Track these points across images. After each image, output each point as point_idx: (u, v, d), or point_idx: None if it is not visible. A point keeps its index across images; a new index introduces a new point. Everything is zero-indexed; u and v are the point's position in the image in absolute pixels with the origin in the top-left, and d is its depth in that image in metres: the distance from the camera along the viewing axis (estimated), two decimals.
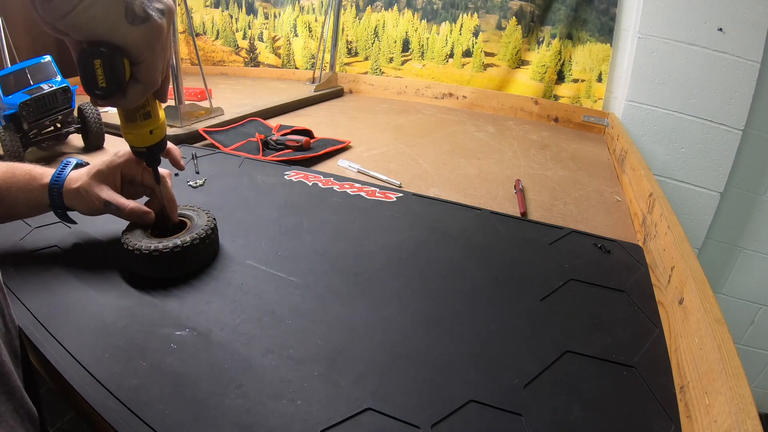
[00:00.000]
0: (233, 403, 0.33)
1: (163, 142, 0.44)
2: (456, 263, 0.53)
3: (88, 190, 0.48)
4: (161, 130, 0.42)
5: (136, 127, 0.40)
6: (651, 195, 0.63)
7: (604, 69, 1.27)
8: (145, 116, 0.40)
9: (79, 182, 0.48)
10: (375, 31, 1.58)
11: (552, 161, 0.96)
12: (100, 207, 0.48)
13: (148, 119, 0.40)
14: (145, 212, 0.49)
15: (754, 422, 0.27)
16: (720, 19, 1.01)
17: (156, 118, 0.41)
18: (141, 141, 0.41)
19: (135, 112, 0.39)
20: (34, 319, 0.41)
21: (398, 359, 0.39)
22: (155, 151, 0.43)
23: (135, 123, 0.40)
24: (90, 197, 0.48)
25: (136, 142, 0.42)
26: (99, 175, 0.48)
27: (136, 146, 0.42)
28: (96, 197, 0.47)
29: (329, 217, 0.63)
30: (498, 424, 0.33)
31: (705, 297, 0.39)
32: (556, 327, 0.44)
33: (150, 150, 0.43)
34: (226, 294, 0.45)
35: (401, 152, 0.96)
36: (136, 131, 0.40)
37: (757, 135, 1.09)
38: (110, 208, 0.48)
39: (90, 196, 0.48)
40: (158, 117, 0.41)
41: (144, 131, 0.41)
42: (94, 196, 0.48)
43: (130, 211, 0.48)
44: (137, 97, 0.36)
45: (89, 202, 0.48)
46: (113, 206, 0.48)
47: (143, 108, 0.39)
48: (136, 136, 0.41)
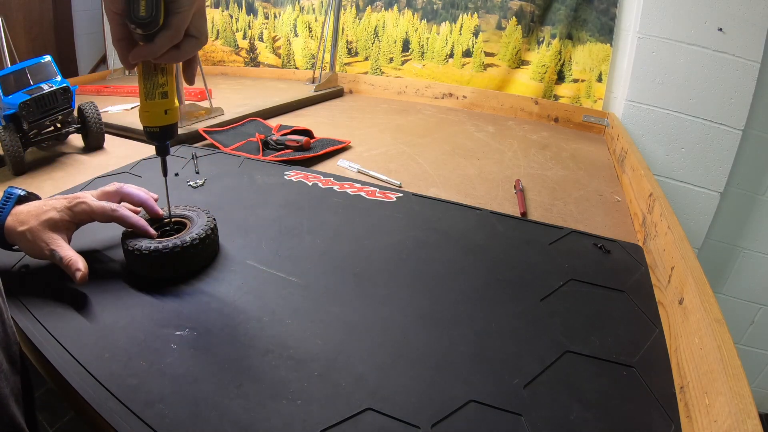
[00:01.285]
0: (233, 403, 0.33)
1: (176, 127, 0.46)
2: (456, 263, 0.53)
3: (36, 236, 0.45)
4: (175, 113, 0.45)
5: (154, 105, 0.43)
6: (651, 195, 0.63)
7: (604, 69, 1.27)
8: (163, 95, 0.43)
9: (26, 226, 0.45)
10: (375, 31, 1.58)
11: (552, 161, 0.96)
12: (47, 255, 0.46)
13: (165, 99, 0.43)
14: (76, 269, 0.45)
15: (754, 422, 0.27)
16: (720, 19, 1.01)
17: (172, 100, 0.44)
18: (156, 120, 0.44)
19: (154, 89, 0.42)
20: (34, 319, 0.41)
21: (398, 359, 0.39)
22: (167, 133, 0.45)
23: (153, 101, 0.42)
24: (38, 244, 0.45)
25: (151, 121, 0.44)
26: (50, 222, 0.46)
27: (150, 125, 0.44)
28: (45, 245, 0.45)
29: (329, 217, 0.63)
30: (498, 424, 0.33)
31: (705, 297, 0.39)
32: (556, 327, 0.44)
33: (163, 131, 0.44)
34: (226, 294, 0.45)
35: (401, 152, 0.96)
36: (153, 109, 0.43)
37: (757, 135, 1.09)
38: (54, 258, 0.45)
39: (38, 243, 0.45)
40: (174, 100, 0.44)
41: (160, 110, 0.43)
42: (43, 244, 0.45)
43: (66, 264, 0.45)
44: (164, 42, 0.38)
45: (36, 249, 0.46)
46: (57, 255, 0.45)
47: (162, 87, 0.42)
48: (152, 114, 0.43)
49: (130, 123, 1.02)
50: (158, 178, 0.72)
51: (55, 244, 0.46)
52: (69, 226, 0.48)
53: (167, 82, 0.43)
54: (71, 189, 0.67)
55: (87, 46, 1.97)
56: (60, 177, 0.78)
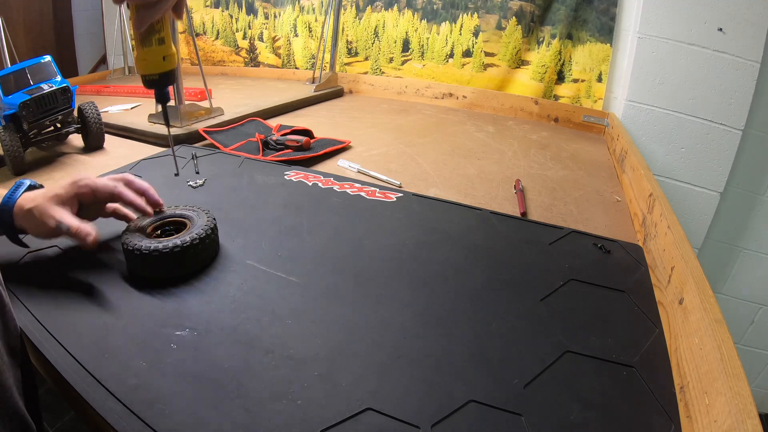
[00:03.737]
0: (233, 403, 0.33)
1: (173, 74, 0.45)
2: (456, 263, 0.53)
3: (42, 211, 0.47)
4: (173, 59, 0.44)
5: (151, 52, 0.42)
6: (651, 195, 0.63)
7: (604, 69, 1.27)
8: (160, 41, 0.42)
9: (33, 203, 0.47)
10: (375, 31, 1.58)
11: (552, 161, 0.96)
12: (53, 228, 0.47)
13: (162, 45, 0.42)
14: (86, 234, 0.47)
15: (754, 422, 0.27)
16: (720, 19, 1.01)
17: (169, 46, 0.43)
18: (154, 67, 0.43)
19: (151, 35, 0.41)
20: (34, 319, 0.41)
21: (398, 359, 0.39)
22: (166, 80, 0.45)
23: (150, 48, 0.42)
24: (43, 218, 0.46)
25: (149, 69, 0.43)
26: (56, 198, 0.48)
27: (148, 73, 0.44)
28: (50, 217, 0.46)
29: (329, 217, 0.63)
30: (498, 424, 0.33)
31: (705, 297, 0.39)
32: (556, 327, 0.44)
33: (161, 78, 0.44)
34: (226, 294, 0.45)
35: (401, 152, 0.96)
36: (150, 56, 0.42)
37: (757, 135, 1.09)
38: (61, 229, 0.47)
39: (44, 218, 0.46)
40: (171, 46, 0.43)
41: (158, 57, 0.43)
42: (48, 217, 0.46)
43: (76, 231, 0.46)
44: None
45: (41, 225, 0.47)
46: (64, 226, 0.46)
47: (158, 33, 0.42)
48: (149, 62, 0.43)
49: (130, 123, 1.02)
50: (158, 178, 0.73)
51: (60, 215, 0.47)
52: (73, 202, 0.49)
53: (163, 28, 0.42)
54: None
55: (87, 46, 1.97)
56: (60, 177, 0.78)
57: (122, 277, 0.48)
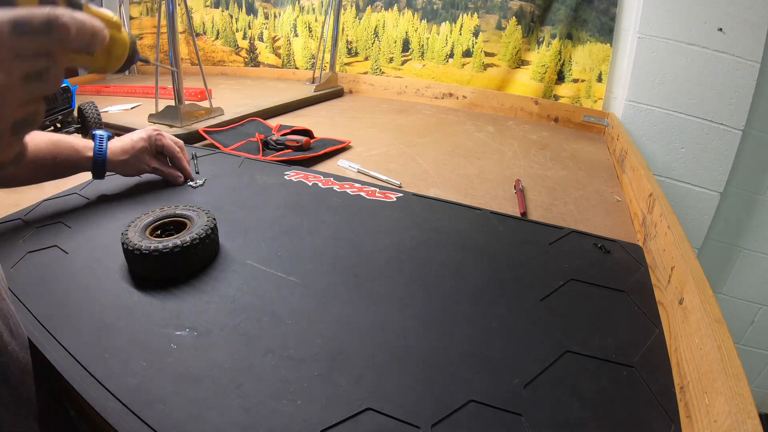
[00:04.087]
0: (233, 403, 0.33)
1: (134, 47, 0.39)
2: (456, 263, 0.53)
3: (140, 159, 0.66)
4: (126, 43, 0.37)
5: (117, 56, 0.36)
6: (651, 195, 0.63)
7: (604, 69, 1.27)
8: None
9: (128, 155, 0.64)
10: (375, 31, 1.58)
11: (552, 161, 0.96)
12: (148, 171, 0.68)
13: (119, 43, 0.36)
14: (176, 176, 0.70)
15: (754, 422, 0.27)
16: (720, 19, 1.01)
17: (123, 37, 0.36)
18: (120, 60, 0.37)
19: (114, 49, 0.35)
20: (34, 319, 0.41)
21: (398, 359, 0.39)
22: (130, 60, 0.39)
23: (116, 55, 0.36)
24: (141, 165, 0.66)
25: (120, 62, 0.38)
26: (145, 149, 0.66)
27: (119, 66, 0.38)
28: (147, 164, 0.67)
29: (329, 217, 0.63)
30: (498, 424, 0.33)
31: (705, 297, 0.39)
32: (556, 327, 0.44)
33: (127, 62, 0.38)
34: (226, 294, 0.45)
35: (401, 152, 0.96)
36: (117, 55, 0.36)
37: (757, 135, 1.09)
38: (157, 172, 0.68)
39: (141, 165, 0.66)
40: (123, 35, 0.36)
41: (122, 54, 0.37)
42: (145, 164, 0.67)
43: (170, 174, 0.69)
44: None
45: (138, 169, 0.67)
46: (160, 170, 0.68)
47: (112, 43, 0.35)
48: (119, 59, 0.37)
49: (130, 123, 1.02)
50: (158, 178, 0.72)
51: (155, 162, 0.68)
52: (152, 151, 0.68)
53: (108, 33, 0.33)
54: (71, 189, 0.67)
55: None
56: None
57: (122, 277, 0.48)
